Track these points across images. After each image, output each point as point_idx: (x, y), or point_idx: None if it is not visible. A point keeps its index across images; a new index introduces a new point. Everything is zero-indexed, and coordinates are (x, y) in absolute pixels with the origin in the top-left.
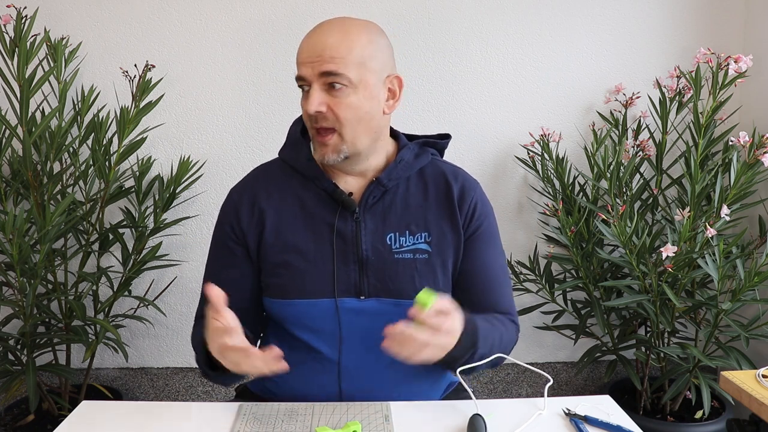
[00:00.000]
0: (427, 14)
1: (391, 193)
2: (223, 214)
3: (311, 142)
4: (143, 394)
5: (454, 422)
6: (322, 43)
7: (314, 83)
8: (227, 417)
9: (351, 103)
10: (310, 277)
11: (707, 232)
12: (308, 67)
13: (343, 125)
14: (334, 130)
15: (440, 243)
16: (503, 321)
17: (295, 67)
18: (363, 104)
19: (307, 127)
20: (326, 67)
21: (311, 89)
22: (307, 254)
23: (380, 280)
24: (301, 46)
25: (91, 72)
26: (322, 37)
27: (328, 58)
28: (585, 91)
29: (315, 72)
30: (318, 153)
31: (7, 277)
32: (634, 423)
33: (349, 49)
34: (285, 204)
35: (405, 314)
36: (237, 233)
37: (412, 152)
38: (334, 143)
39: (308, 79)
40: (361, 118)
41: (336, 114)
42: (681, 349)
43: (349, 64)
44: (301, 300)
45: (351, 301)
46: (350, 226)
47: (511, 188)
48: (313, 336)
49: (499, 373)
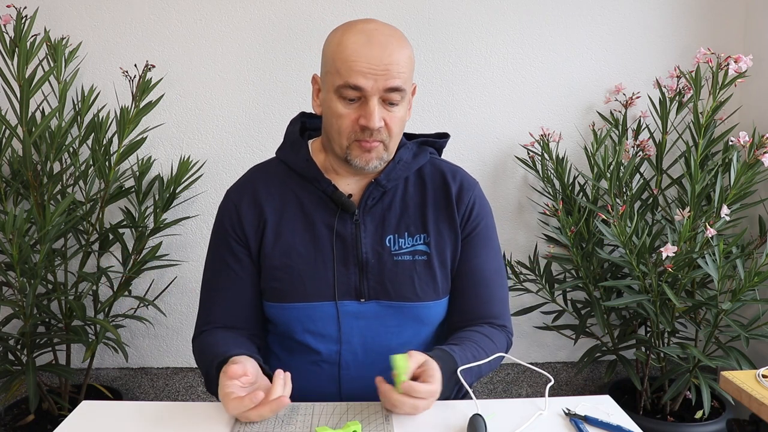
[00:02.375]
0: (427, 14)
1: (390, 194)
2: (222, 214)
3: (346, 149)
4: (143, 394)
5: (454, 422)
6: (388, 57)
7: (374, 96)
8: (227, 417)
9: (401, 117)
10: (310, 281)
11: (707, 232)
12: (371, 79)
13: (392, 138)
14: (381, 142)
15: (439, 244)
16: (491, 335)
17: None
18: (405, 116)
19: (342, 135)
20: (394, 83)
21: (370, 103)
22: (307, 257)
23: (380, 283)
24: (357, 54)
25: (91, 72)
26: (386, 50)
27: (396, 73)
28: (585, 91)
29: (380, 86)
30: (361, 160)
31: (7, 277)
32: (634, 423)
33: (408, 60)
34: (284, 205)
35: (404, 316)
36: (239, 233)
37: (411, 152)
38: (378, 152)
39: (368, 91)
40: (402, 130)
41: (389, 128)
42: (681, 349)
43: (408, 78)
44: (302, 303)
45: (351, 303)
46: (350, 229)
47: (511, 188)
48: (313, 339)
49: (499, 373)
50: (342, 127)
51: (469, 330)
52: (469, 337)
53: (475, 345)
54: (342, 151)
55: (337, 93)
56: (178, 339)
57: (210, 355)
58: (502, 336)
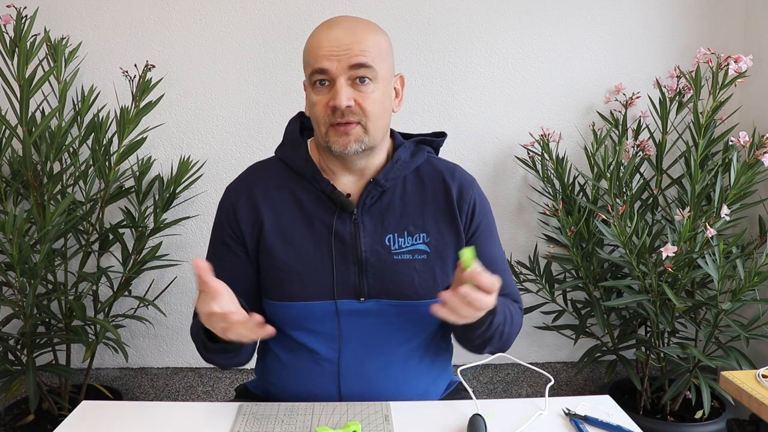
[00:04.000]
0: (427, 14)
1: (389, 193)
2: (221, 211)
3: (325, 135)
4: (143, 394)
5: (454, 422)
6: (349, 36)
7: (340, 77)
8: (227, 417)
9: (377, 98)
10: (309, 280)
11: (707, 232)
12: (334, 61)
13: (368, 119)
14: (358, 123)
15: (439, 243)
16: (509, 302)
17: (305, 64)
18: (384, 100)
19: (320, 123)
20: (358, 59)
21: (337, 83)
22: (306, 256)
23: (380, 282)
24: (319, 41)
25: (91, 72)
26: (347, 31)
27: (358, 51)
28: (585, 91)
29: (343, 65)
30: (338, 144)
31: (7, 277)
32: (634, 423)
33: (376, 44)
34: (283, 205)
35: (404, 315)
36: (236, 231)
37: (409, 151)
38: (357, 133)
39: (333, 72)
40: (382, 114)
41: (363, 107)
42: (681, 349)
43: (376, 59)
44: (301, 302)
45: (351, 302)
46: (349, 228)
47: (511, 188)
48: (312, 338)
49: (499, 373)
50: (317, 114)
51: None
52: None
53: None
54: (323, 139)
55: (311, 83)
56: (178, 339)
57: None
58: (517, 309)
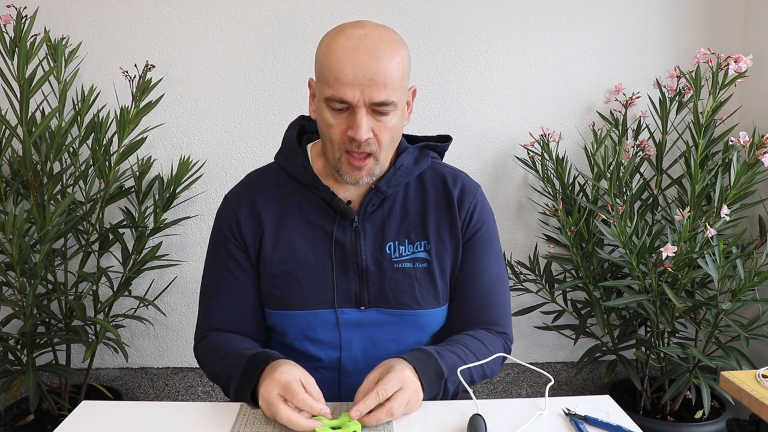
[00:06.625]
0: (427, 14)
1: (390, 200)
2: (221, 220)
3: (338, 161)
4: (143, 394)
5: (454, 422)
6: (374, 64)
7: (361, 108)
8: (227, 417)
9: (393, 126)
10: (310, 288)
11: (707, 232)
12: (357, 91)
13: (382, 149)
14: (370, 154)
15: (439, 250)
16: (484, 338)
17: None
18: (399, 124)
19: (334, 146)
20: (381, 97)
21: (357, 115)
22: (306, 265)
23: (380, 291)
24: (341, 65)
25: (91, 72)
26: (370, 57)
27: (382, 85)
28: (585, 91)
29: (365, 98)
30: (350, 176)
31: (7, 277)
32: (634, 423)
33: (399, 71)
34: (283, 212)
35: (404, 324)
36: (238, 239)
37: (412, 156)
38: (369, 167)
39: (354, 104)
40: (395, 139)
41: (379, 139)
42: (681, 349)
43: (398, 88)
44: (301, 311)
45: (351, 311)
46: (349, 236)
47: (511, 188)
48: (313, 346)
49: (499, 373)
50: (332, 137)
51: (461, 334)
52: (457, 339)
53: (460, 347)
54: (335, 163)
55: (326, 103)
56: (178, 339)
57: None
58: (498, 341)
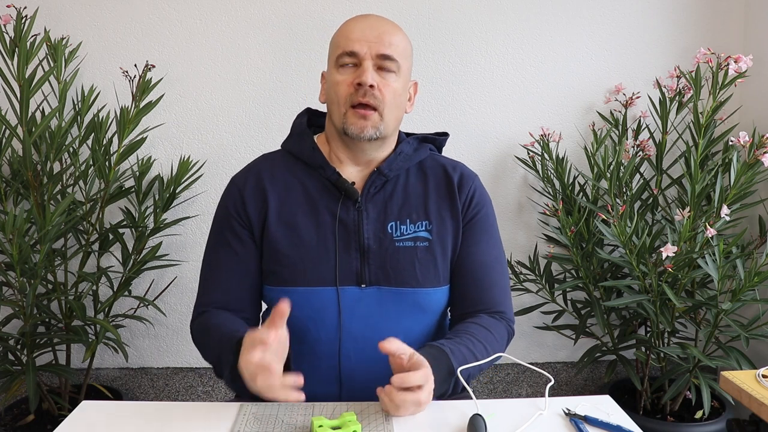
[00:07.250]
0: (427, 14)
1: (392, 183)
2: (225, 198)
3: (343, 116)
4: (143, 394)
5: (454, 422)
6: (380, 28)
7: (367, 60)
8: (227, 417)
9: (396, 89)
10: (312, 265)
11: (707, 232)
12: (364, 45)
13: (385, 105)
14: (375, 109)
15: (440, 231)
16: (490, 326)
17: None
18: (402, 93)
19: (340, 103)
20: (386, 50)
21: (364, 64)
22: (309, 242)
23: (381, 269)
24: (352, 27)
25: (91, 72)
26: (378, 23)
27: (387, 43)
28: (585, 91)
29: (372, 51)
30: (356, 126)
31: (7, 277)
32: (634, 423)
33: (403, 42)
34: (289, 191)
35: (404, 303)
36: (242, 216)
37: (412, 146)
38: (374, 120)
39: (362, 56)
40: (398, 105)
41: (383, 93)
42: (681, 349)
43: (402, 55)
44: (303, 288)
45: (352, 289)
46: (352, 215)
47: (511, 188)
48: (313, 324)
49: (499, 373)
50: (340, 93)
51: (467, 322)
52: (465, 329)
53: (471, 338)
54: (340, 121)
55: (336, 64)
56: (178, 339)
57: (219, 334)
58: (501, 326)
